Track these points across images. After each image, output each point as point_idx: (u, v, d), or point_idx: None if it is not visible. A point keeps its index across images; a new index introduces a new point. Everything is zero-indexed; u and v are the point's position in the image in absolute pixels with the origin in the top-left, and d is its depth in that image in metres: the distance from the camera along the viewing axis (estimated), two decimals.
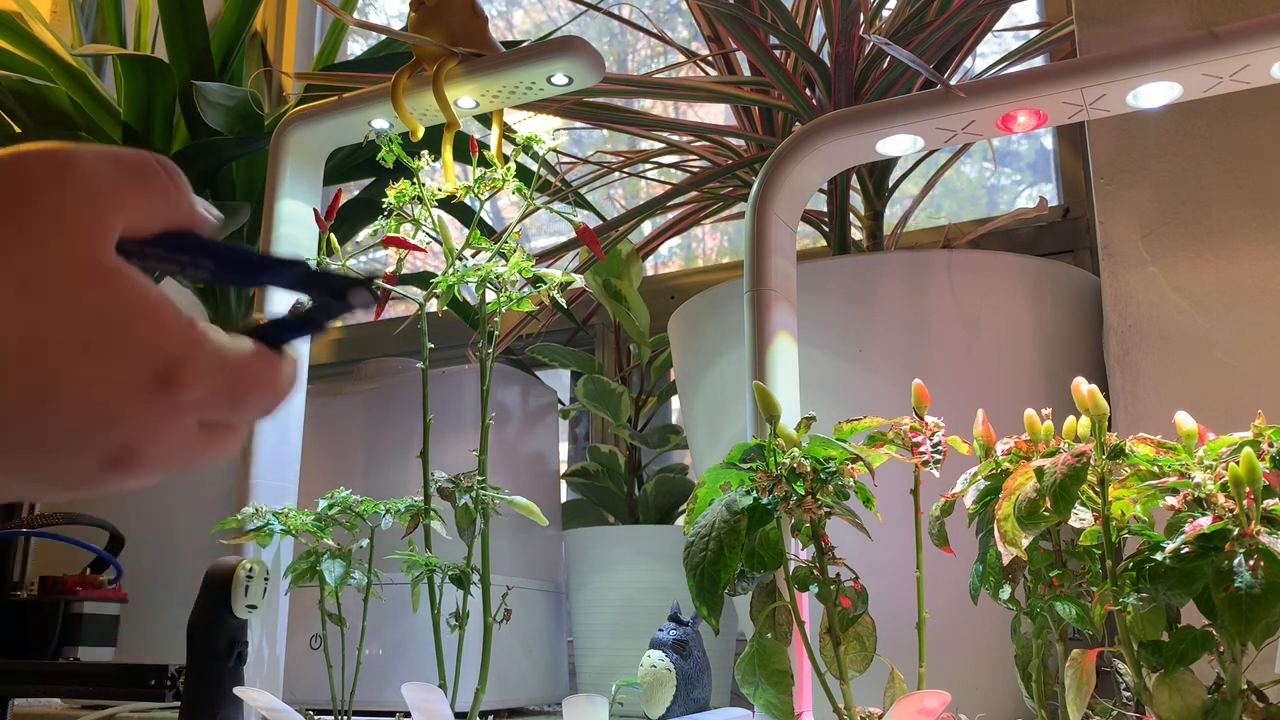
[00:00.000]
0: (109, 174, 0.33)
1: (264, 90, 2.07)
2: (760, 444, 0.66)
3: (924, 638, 0.67)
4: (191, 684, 0.82)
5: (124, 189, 0.34)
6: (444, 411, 1.23)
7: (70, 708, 1.28)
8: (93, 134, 1.68)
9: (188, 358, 0.33)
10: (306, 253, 1.01)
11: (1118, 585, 0.57)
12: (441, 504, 0.84)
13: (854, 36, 1.16)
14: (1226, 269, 0.95)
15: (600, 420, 1.72)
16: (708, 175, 1.31)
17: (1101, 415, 0.60)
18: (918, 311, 1.00)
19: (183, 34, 1.65)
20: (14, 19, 1.71)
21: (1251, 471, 0.53)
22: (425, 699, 0.72)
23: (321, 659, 0.87)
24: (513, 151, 0.88)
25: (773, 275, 0.82)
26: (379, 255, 1.83)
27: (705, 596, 0.63)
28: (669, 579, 1.31)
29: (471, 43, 0.93)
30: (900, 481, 0.68)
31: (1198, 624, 0.56)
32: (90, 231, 0.32)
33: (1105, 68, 0.78)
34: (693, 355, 1.17)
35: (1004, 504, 0.61)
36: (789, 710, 0.64)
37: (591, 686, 1.35)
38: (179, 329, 0.33)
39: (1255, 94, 0.91)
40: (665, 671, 0.98)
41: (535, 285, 0.87)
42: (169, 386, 0.33)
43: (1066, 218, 1.51)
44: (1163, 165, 1.00)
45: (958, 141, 0.87)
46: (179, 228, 0.36)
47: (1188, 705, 0.55)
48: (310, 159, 1.04)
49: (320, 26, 2.36)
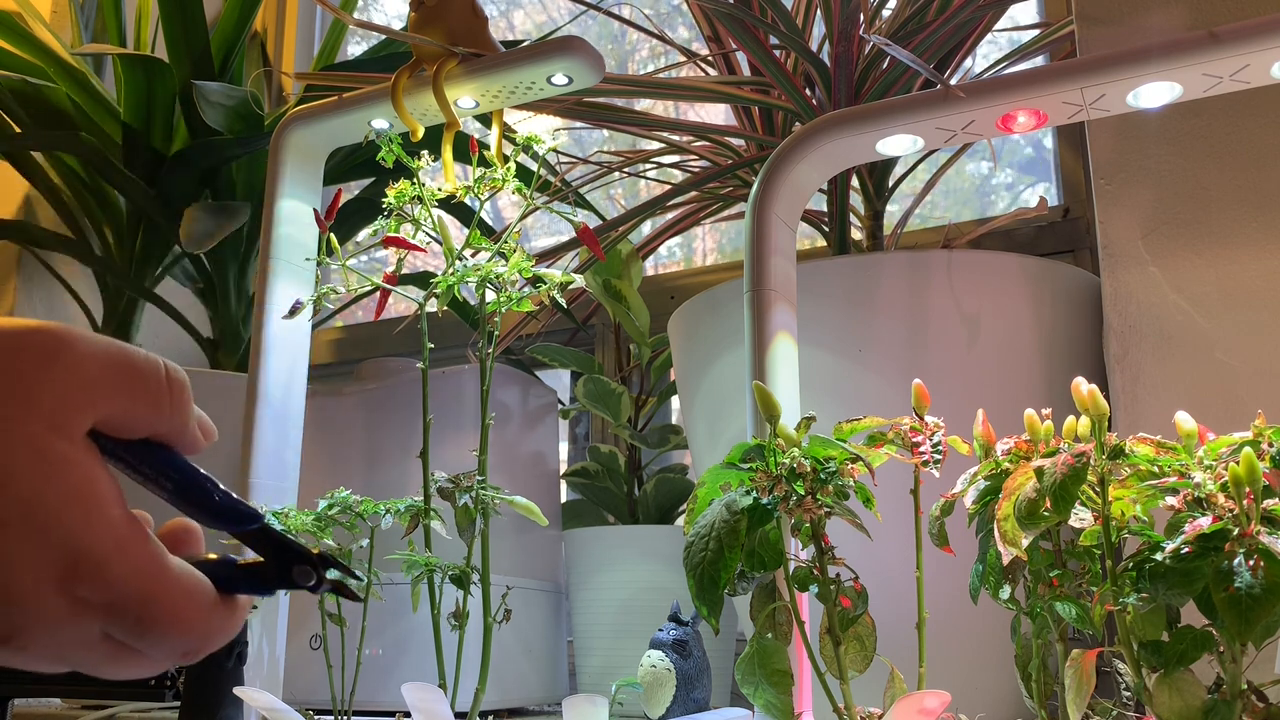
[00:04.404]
0: (101, 366, 0.33)
1: (264, 90, 2.07)
2: (760, 444, 0.66)
3: (924, 638, 0.67)
4: (191, 684, 0.82)
5: (111, 385, 0.34)
6: (444, 411, 1.23)
7: (70, 708, 1.28)
8: (92, 134, 1.68)
9: (107, 558, 0.32)
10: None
11: (1118, 585, 0.57)
12: (441, 504, 0.84)
13: (854, 36, 1.16)
14: (1226, 269, 0.95)
15: (600, 420, 1.72)
16: (708, 175, 1.31)
17: (1101, 415, 0.60)
18: (918, 311, 1.00)
19: (183, 34, 1.65)
20: (14, 19, 1.71)
21: (1251, 471, 0.53)
22: (425, 699, 0.72)
23: (321, 659, 0.87)
24: (513, 151, 0.88)
25: (773, 275, 0.82)
26: (379, 255, 1.83)
27: (705, 596, 0.63)
28: (669, 579, 1.31)
29: (471, 43, 0.93)
30: (900, 481, 0.68)
31: (1198, 624, 0.56)
32: (55, 415, 0.32)
33: (1105, 68, 0.78)
34: (693, 355, 1.17)
35: (1004, 504, 0.61)
36: (789, 710, 0.64)
37: (591, 686, 1.35)
38: (111, 526, 0.33)
39: (1255, 94, 0.91)
40: (665, 671, 0.98)
41: (535, 285, 0.87)
42: (74, 579, 0.32)
43: (1066, 218, 1.51)
44: (1163, 165, 1.00)
45: (958, 141, 0.87)
46: (160, 439, 0.36)
47: (1188, 705, 0.55)
48: (310, 159, 1.04)
49: (320, 26, 2.36)
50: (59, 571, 0.32)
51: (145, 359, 0.35)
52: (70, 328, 0.34)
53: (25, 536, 0.31)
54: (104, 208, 1.80)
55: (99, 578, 0.32)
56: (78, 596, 0.32)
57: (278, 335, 0.97)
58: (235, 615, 0.36)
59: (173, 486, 0.36)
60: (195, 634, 0.35)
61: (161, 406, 0.35)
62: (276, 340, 0.97)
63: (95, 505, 0.32)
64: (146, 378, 0.35)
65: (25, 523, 0.31)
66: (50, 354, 0.33)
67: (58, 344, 0.33)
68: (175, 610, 0.34)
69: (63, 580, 0.32)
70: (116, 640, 0.34)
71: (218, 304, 1.76)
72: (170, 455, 0.36)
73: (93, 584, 0.32)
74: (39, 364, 0.32)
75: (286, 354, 0.98)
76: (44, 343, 0.33)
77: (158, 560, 0.34)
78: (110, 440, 0.34)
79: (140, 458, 0.35)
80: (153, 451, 0.36)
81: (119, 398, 0.34)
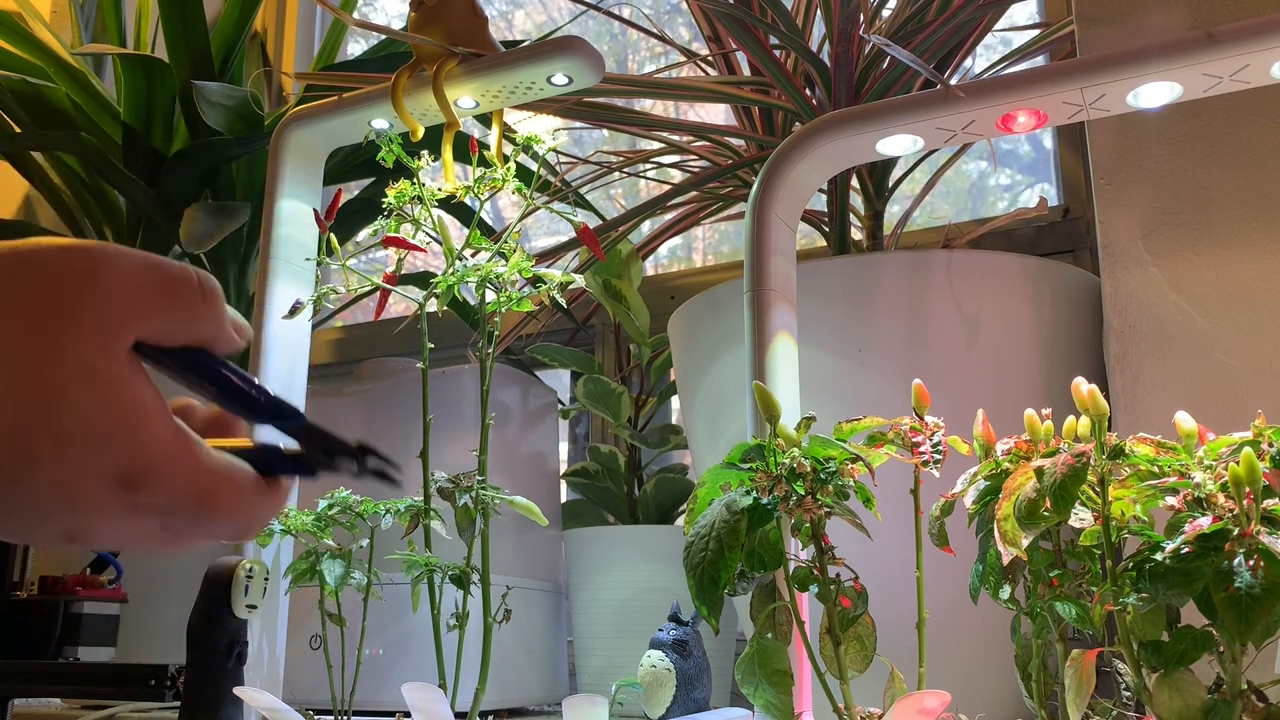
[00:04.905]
0: (139, 283, 0.35)
1: (264, 90, 2.07)
2: (760, 444, 0.66)
3: (924, 638, 0.67)
4: (191, 684, 0.82)
5: (149, 300, 0.35)
6: (444, 411, 1.23)
7: (70, 708, 1.28)
8: (92, 134, 1.68)
9: (159, 469, 0.35)
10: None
11: (1118, 585, 0.57)
12: (441, 504, 0.84)
13: (854, 36, 1.16)
14: (1226, 269, 0.95)
15: (600, 420, 1.72)
16: (708, 175, 1.31)
17: (1101, 415, 0.60)
18: (918, 311, 1.00)
19: (183, 34, 1.65)
20: (14, 19, 1.71)
21: (1251, 471, 0.53)
22: (425, 699, 0.72)
23: (321, 659, 0.87)
24: (513, 151, 0.88)
25: (773, 275, 0.82)
26: (379, 255, 1.83)
27: (705, 596, 0.63)
28: (669, 579, 1.31)
29: (471, 43, 0.93)
30: (900, 481, 0.68)
31: (1198, 624, 0.56)
32: (100, 334, 0.34)
33: (1105, 68, 0.78)
34: (693, 355, 1.17)
35: (1004, 504, 0.61)
36: (789, 710, 0.64)
37: (591, 686, 1.35)
38: (159, 441, 0.35)
39: (1255, 94, 0.91)
40: (665, 671, 0.98)
41: (535, 285, 0.87)
42: (132, 489, 0.34)
43: (1066, 218, 1.51)
44: (1163, 165, 1.00)
45: (958, 141, 0.87)
46: (199, 345, 0.37)
47: (1188, 705, 0.55)
48: (310, 159, 1.04)
49: (320, 26, 2.36)
50: (116, 482, 0.34)
51: (179, 270, 0.36)
52: (106, 245, 0.35)
53: (83, 454, 0.33)
54: (104, 208, 1.80)
55: (153, 486, 0.35)
56: (136, 503, 0.35)
57: (278, 335, 0.97)
58: (278, 496, 0.39)
59: (216, 389, 0.38)
60: (244, 518, 0.37)
61: (198, 315, 0.37)
62: (276, 340, 0.97)
63: (144, 421, 0.34)
64: (182, 290, 0.36)
65: (82, 440, 0.33)
66: (91, 273, 0.34)
67: (97, 263, 0.34)
68: (225, 503, 0.36)
69: (122, 488, 0.34)
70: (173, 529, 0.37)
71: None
72: (211, 359, 0.38)
73: (148, 492, 0.35)
74: (82, 284, 0.34)
75: (286, 354, 0.98)
76: (84, 263, 0.34)
77: (203, 462, 0.36)
78: (154, 349, 0.36)
79: (183, 364, 0.37)
80: (194, 357, 0.37)
81: (159, 312, 0.35)
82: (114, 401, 0.34)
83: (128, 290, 0.34)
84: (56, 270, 0.34)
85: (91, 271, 0.34)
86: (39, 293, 0.33)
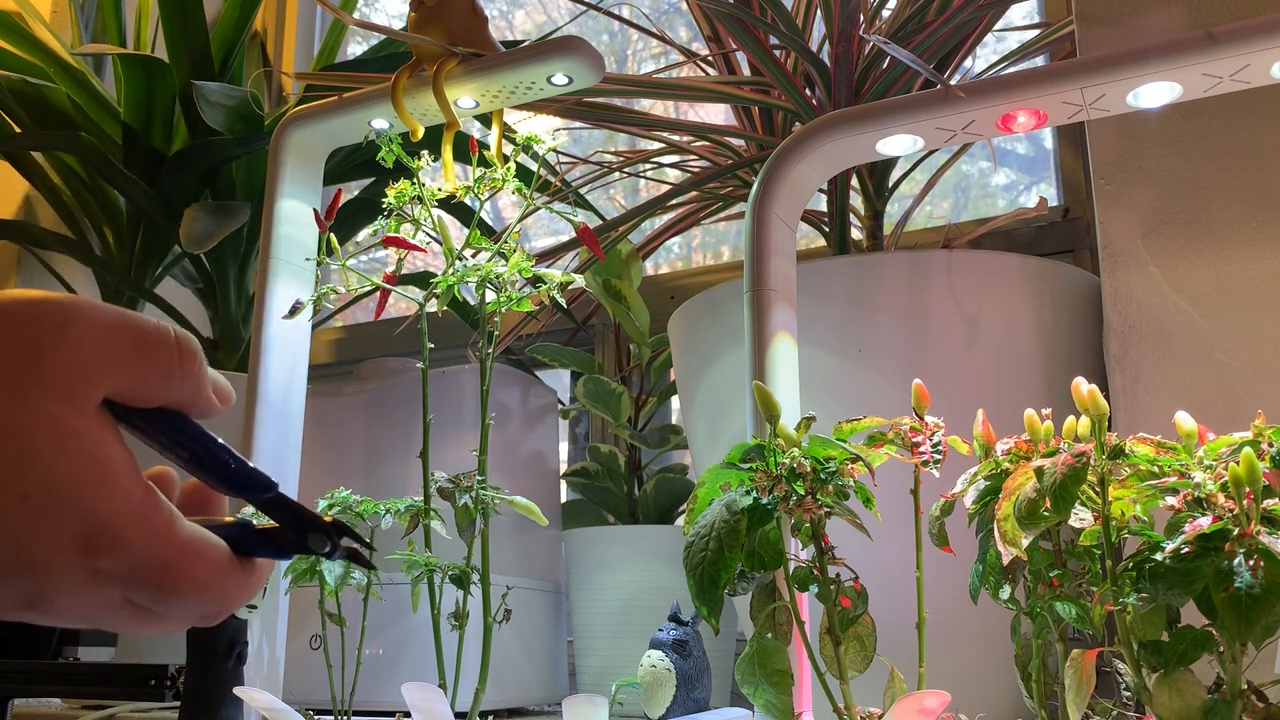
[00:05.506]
0: (109, 339, 0.34)
1: (264, 90, 2.07)
2: (760, 444, 0.66)
3: (924, 638, 0.67)
4: (191, 684, 0.82)
5: (120, 357, 0.34)
6: (444, 411, 1.23)
7: (70, 708, 1.28)
8: (92, 134, 1.68)
9: (122, 530, 0.33)
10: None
11: (1118, 585, 0.57)
12: (441, 504, 0.84)
13: (854, 36, 1.16)
14: (1226, 269, 0.95)
15: (600, 420, 1.72)
16: (708, 175, 1.31)
17: (1101, 415, 0.60)
18: (918, 311, 1.00)
19: (183, 34, 1.65)
20: (14, 19, 1.71)
21: (1251, 471, 0.53)
22: (425, 699, 0.72)
23: (321, 659, 0.87)
24: (513, 151, 0.88)
25: (773, 275, 0.82)
26: (379, 255, 1.83)
27: (705, 596, 0.63)
28: (669, 579, 1.31)
29: (471, 43, 0.93)
30: (900, 481, 0.68)
31: (1198, 624, 0.56)
32: (66, 388, 0.33)
33: (1105, 68, 0.78)
34: (693, 355, 1.17)
35: (1004, 504, 0.61)
36: (789, 710, 0.64)
37: (591, 686, 1.35)
38: (125, 500, 0.33)
39: (1255, 94, 0.91)
40: (665, 671, 0.98)
41: (535, 285, 0.87)
42: (93, 552, 0.33)
43: (1066, 218, 1.51)
44: (1163, 165, 1.00)
45: (958, 141, 0.87)
46: (174, 408, 0.36)
47: (1188, 705, 0.55)
48: (310, 159, 1.04)
49: (320, 26, 2.36)
50: (77, 543, 0.32)
51: (155, 329, 0.35)
52: (78, 298, 0.34)
53: (44, 509, 0.32)
54: (104, 208, 1.80)
55: (116, 550, 0.33)
56: (97, 567, 0.33)
57: (278, 335, 0.97)
58: (253, 578, 0.37)
59: (188, 455, 0.36)
60: (213, 598, 0.36)
61: (173, 376, 0.35)
62: (276, 340, 0.97)
63: (110, 479, 0.33)
64: (156, 347, 0.35)
65: (44, 496, 0.32)
66: (60, 326, 0.33)
67: (67, 316, 0.33)
68: (192, 577, 0.35)
69: (82, 551, 0.33)
70: (137, 604, 0.35)
71: (218, 304, 1.76)
72: (185, 423, 0.36)
73: (110, 556, 0.33)
74: (50, 336, 0.33)
75: (286, 354, 0.98)
76: (53, 315, 0.33)
77: (173, 529, 0.34)
78: (125, 409, 0.35)
79: (155, 426, 0.36)
80: (167, 420, 0.36)
81: (130, 368, 0.34)
82: (77, 455, 0.32)
83: (97, 345, 0.33)
84: (25, 323, 0.33)
85: (60, 326, 0.33)
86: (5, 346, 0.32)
